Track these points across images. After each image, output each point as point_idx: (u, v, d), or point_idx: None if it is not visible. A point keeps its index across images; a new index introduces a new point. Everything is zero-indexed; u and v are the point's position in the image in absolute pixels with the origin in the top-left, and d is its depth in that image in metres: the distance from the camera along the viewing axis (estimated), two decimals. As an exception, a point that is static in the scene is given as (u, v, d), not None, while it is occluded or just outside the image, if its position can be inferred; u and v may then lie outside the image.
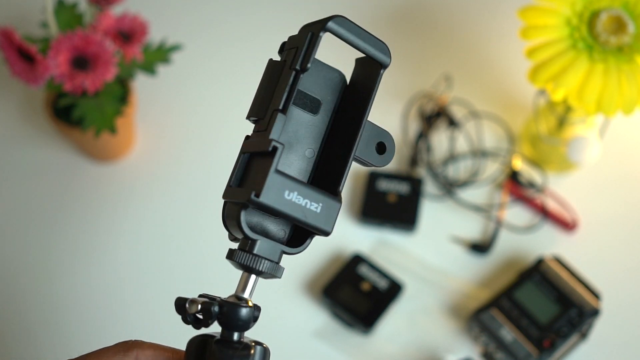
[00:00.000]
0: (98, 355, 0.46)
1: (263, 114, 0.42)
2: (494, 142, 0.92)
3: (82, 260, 0.84)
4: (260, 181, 0.39)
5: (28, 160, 0.90)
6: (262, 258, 0.41)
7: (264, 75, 0.43)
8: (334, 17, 0.42)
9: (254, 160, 0.42)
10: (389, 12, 1.01)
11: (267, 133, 0.40)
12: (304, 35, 0.42)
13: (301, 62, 0.41)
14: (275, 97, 0.41)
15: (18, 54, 0.76)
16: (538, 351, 0.76)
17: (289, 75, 0.41)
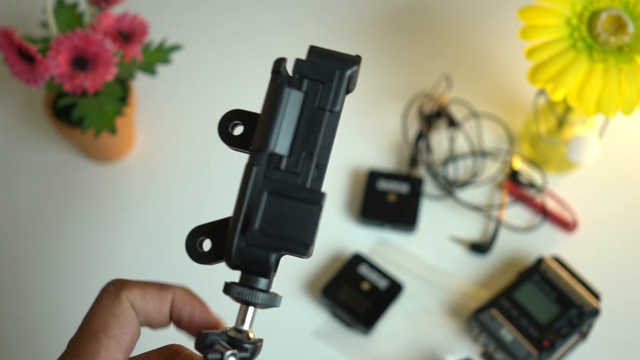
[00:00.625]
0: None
1: (289, 151, 0.40)
2: (494, 142, 0.92)
3: (82, 260, 0.84)
4: (311, 233, 0.40)
5: (28, 160, 0.90)
6: (259, 291, 0.41)
7: (277, 99, 0.41)
8: (359, 59, 0.42)
9: (282, 202, 0.40)
10: (389, 12, 1.01)
11: (304, 181, 0.40)
12: (331, 73, 0.41)
13: (333, 103, 0.41)
14: (306, 137, 0.40)
15: (18, 54, 0.76)
16: (538, 351, 0.76)
17: (322, 116, 0.41)
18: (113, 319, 0.42)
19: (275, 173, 0.40)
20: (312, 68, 0.41)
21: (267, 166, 0.40)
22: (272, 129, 0.40)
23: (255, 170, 0.40)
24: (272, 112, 0.40)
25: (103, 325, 0.42)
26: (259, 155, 0.40)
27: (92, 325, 0.42)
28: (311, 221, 0.40)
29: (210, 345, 0.40)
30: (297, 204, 0.40)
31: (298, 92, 0.41)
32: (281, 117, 0.40)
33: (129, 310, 0.42)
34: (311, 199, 0.40)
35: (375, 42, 0.99)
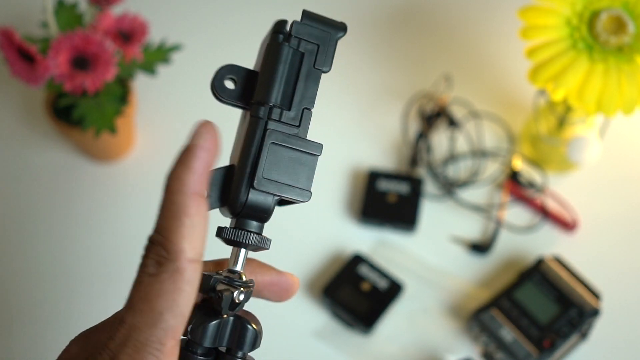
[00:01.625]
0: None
1: (288, 105, 0.43)
2: (494, 142, 0.92)
3: (81, 260, 0.84)
4: (310, 180, 0.43)
5: (28, 160, 0.90)
6: (251, 233, 0.43)
7: (279, 56, 0.43)
8: (346, 26, 0.44)
9: (284, 151, 0.43)
10: (389, 12, 1.01)
11: (304, 134, 0.43)
12: (326, 37, 0.44)
13: (329, 65, 0.44)
14: (305, 93, 0.43)
15: (18, 54, 0.76)
16: (538, 351, 0.76)
17: (318, 76, 0.44)
18: (179, 295, 0.37)
19: (277, 125, 0.42)
20: (309, 31, 0.44)
21: (269, 117, 0.42)
22: (274, 83, 0.43)
23: (260, 123, 0.42)
24: (274, 67, 0.43)
25: (169, 305, 0.37)
26: (262, 107, 0.43)
27: (155, 303, 0.37)
28: (311, 171, 0.43)
29: (214, 286, 0.42)
30: (298, 154, 0.43)
31: (296, 51, 0.43)
32: (282, 73, 0.43)
33: (194, 279, 0.38)
34: (311, 149, 0.43)
35: (376, 42, 0.99)
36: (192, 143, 0.40)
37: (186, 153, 0.40)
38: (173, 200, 0.38)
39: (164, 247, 0.38)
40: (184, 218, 0.38)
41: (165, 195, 0.39)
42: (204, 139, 0.40)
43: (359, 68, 0.97)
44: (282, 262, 0.44)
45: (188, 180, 0.39)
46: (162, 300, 0.36)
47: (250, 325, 0.42)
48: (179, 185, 0.39)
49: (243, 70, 0.45)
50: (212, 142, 0.40)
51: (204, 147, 0.40)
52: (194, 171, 0.39)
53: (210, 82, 0.44)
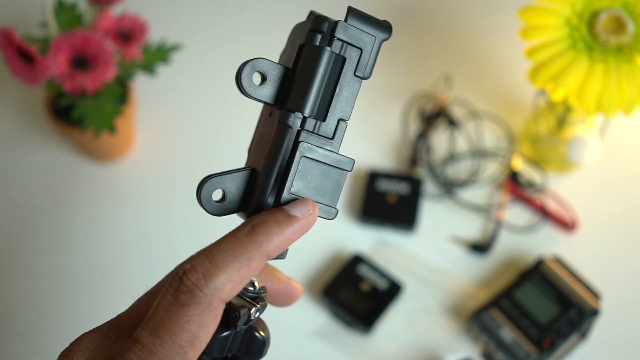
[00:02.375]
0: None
1: (323, 115, 0.40)
2: (494, 142, 0.92)
3: (81, 260, 0.84)
4: (337, 197, 0.41)
5: (28, 160, 0.90)
6: None
7: (318, 62, 0.40)
8: (391, 27, 0.42)
9: (314, 165, 0.40)
10: (388, 12, 1.01)
11: (337, 148, 0.41)
12: (371, 40, 0.41)
13: (370, 72, 0.41)
14: (342, 103, 0.41)
15: (18, 54, 0.76)
16: (538, 351, 0.76)
17: (358, 84, 0.41)
18: (202, 330, 0.37)
19: (309, 137, 0.40)
20: (353, 34, 0.40)
21: (301, 127, 0.40)
22: (310, 92, 0.40)
23: (291, 132, 0.40)
24: (312, 75, 0.40)
25: (191, 339, 0.37)
26: (294, 116, 0.40)
27: (178, 336, 0.36)
28: (338, 187, 0.41)
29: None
30: (328, 168, 0.41)
31: (338, 55, 0.40)
32: (321, 81, 0.40)
33: (219, 316, 0.38)
34: (342, 165, 0.41)
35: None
36: (298, 215, 0.39)
37: (285, 218, 0.39)
38: (247, 248, 0.38)
39: (207, 278, 0.36)
40: (244, 267, 0.37)
41: (243, 235, 0.38)
42: (307, 219, 0.40)
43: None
44: (282, 262, 0.44)
45: (273, 243, 0.38)
46: (185, 335, 0.36)
47: (258, 333, 0.42)
48: (263, 239, 0.38)
49: (273, 65, 0.41)
50: (309, 224, 0.40)
51: (303, 226, 0.40)
52: (282, 238, 0.39)
53: (236, 75, 0.40)
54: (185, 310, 0.36)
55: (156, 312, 0.37)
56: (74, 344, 0.40)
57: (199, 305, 0.36)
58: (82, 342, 0.40)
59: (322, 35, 0.40)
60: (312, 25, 0.40)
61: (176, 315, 0.36)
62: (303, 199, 0.40)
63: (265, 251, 0.38)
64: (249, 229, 0.38)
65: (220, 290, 0.36)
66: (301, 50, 0.41)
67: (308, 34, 0.40)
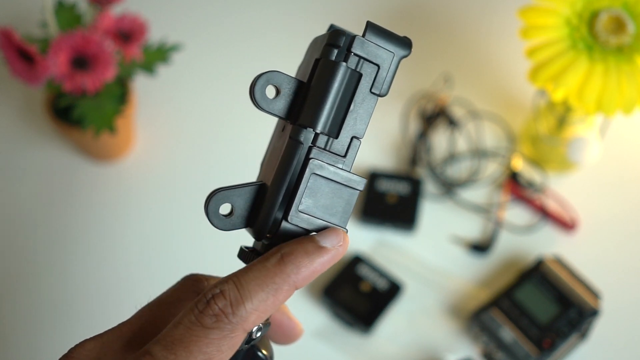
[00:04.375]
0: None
1: (336, 132, 0.39)
2: (494, 142, 0.92)
3: (81, 260, 0.84)
4: (348, 217, 0.40)
5: (28, 160, 0.90)
6: None
7: (333, 77, 0.39)
8: (411, 43, 0.40)
9: (324, 183, 0.40)
10: (388, 12, 1.01)
11: (349, 167, 0.40)
12: (389, 57, 0.40)
13: (388, 89, 0.40)
14: (356, 120, 0.40)
15: (18, 54, 0.76)
16: (538, 351, 0.76)
17: (374, 101, 0.40)
18: (218, 355, 0.37)
19: (320, 154, 0.39)
20: (371, 50, 0.39)
21: (312, 144, 0.39)
22: (324, 108, 0.39)
23: (301, 148, 0.39)
24: (327, 90, 0.39)
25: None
26: (306, 132, 0.39)
27: (194, 356, 0.36)
28: (349, 206, 0.40)
29: None
30: (339, 187, 0.40)
31: (354, 71, 0.39)
32: (335, 97, 0.39)
33: (237, 345, 0.37)
34: (353, 184, 0.40)
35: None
36: (324, 244, 0.39)
37: (314, 248, 0.38)
38: (275, 279, 0.37)
39: (234, 306, 0.36)
40: (271, 298, 0.37)
41: (272, 265, 0.38)
42: (336, 248, 0.39)
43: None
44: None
45: (301, 274, 0.38)
46: (201, 356, 0.36)
47: (261, 352, 0.41)
48: (292, 270, 0.38)
49: (287, 78, 0.40)
50: (339, 255, 0.39)
51: (332, 257, 0.39)
52: (311, 269, 0.38)
53: (250, 88, 0.39)
54: (206, 332, 0.36)
55: (176, 328, 0.36)
56: (74, 350, 0.39)
57: (222, 330, 0.36)
58: (83, 350, 0.39)
59: (338, 50, 0.39)
60: (328, 39, 0.40)
61: (197, 336, 0.36)
62: (334, 228, 0.39)
63: (294, 282, 0.37)
64: (277, 258, 0.38)
65: (245, 320, 0.36)
66: (317, 65, 0.40)
67: (324, 48, 0.40)
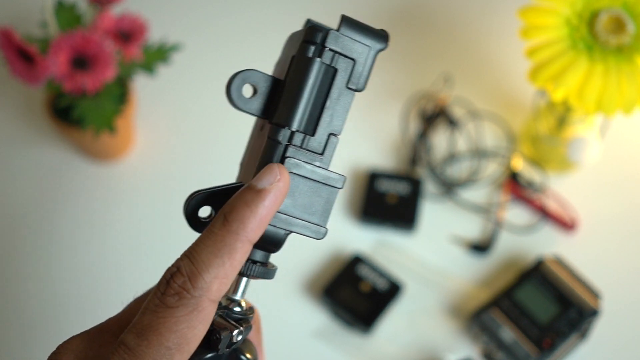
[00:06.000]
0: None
1: (312, 130, 0.39)
2: (494, 142, 0.92)
3: (81, 260, 0.84)
4: (327, 216, 0.39)
5: (28, 160, 0.90)
6: (254, 263, 0.40)
7: (307, 74, 0.38)
8: (388, 36, 0.39)
9: (302, 182, 0.39)
10: (388, 12, 1.01)
11: (327, 164, 0.39)
12: (365, 51, 0.39)
13: (365, 83, 0.39)
14: (333, 117, 0.39)
15: (18, 54, 0.76)
16: (538, 351, 0.76)
17: (351, 96, 0.39)
18: (190, 331, 0.36)
19: (297, 152, 0.38)
20: (345, 44, 0.38)
21: (288, 142, 0.38)
22: (299, 105, 0.38)
23: (279, 147, 0.38)
24: (301, 87, 0.38)
25: (179, 341, 0.36)
26: (282, 131, 0.38)
27: (165, 337, 0.35)
28: (329, 204, 0.39)
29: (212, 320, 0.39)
30: (317, 185, 0.39)
31: (328, 67, 0.38)
32: (309, 94, 0.38)
33: (208, 318, 0.37)
34: (332, 182, 0.39)
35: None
36: (261, 186, 0.37)
37: (253, 195, 0.37)
38: (225, 240, 0.36)
39: (192, 280, 0.36)
40: (227, 261, 0.36)
41: (218, 229, 0.36)
42: (275, 186, 0.37)
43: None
44: (283, 262, 0.44)
45: (249, 226, 0.36)
46: (173, 336, 0.35)
47: (244, 356, 0.40)
48: (238, 227, 0.36)
49: (264, 77, 0.40)
50: (281, 191, 0.37)
51: (275, 196, 0.37)
52: (257, 218, 0.36)
53: (226, 88, 0.39)
54: (172, 312, 0.35)
55: (144, 314, 0.36)
56: (61, 347, 0.39)
57: (187, 307, 0.35)
58: (69, 346, 0.39)
59: (315, 46, 0.39)
60: (305, 35, 0.39)
61: (164, 317, 0.35)
62: (267, 166, 0.38)
63: (245, 238, 0.36)
64: (221, 220, 0.37)
65: (207, 290, 0.36)
66: (292, 62, 0.39)
67: (300, 45, 0.39)
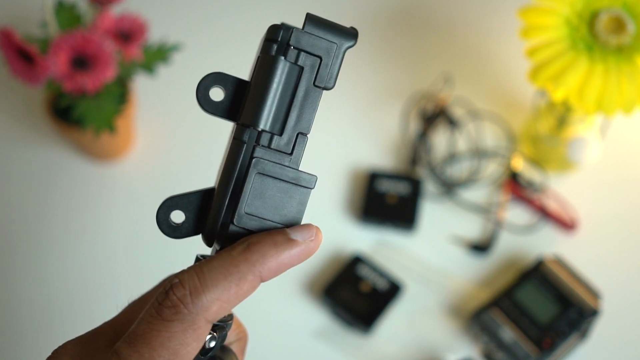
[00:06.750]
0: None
1: (280, 129, 0.38)
2: (494, 142, 0.92)
3: (80, 260, 0.84)
4: (300, 217, 0.38)
5: (28, 160, 0.90)
6: None
7: (272, 72, 0.38)
8: (357, 33, 0.39)
9: (271, 182, 0.38)
10: (388, 11, 1.01)
11: (296, 163, 0.38)
12: (332, 48, 0.38)
13: (333, 81, 0.38)
14: (300, 115, 0.38)
15: (18, 54, 0.76)
16: (538, 351, 0.76)
17: (318, 95, 0.38)
18: (182, 349, 0.35)
19: (265, 152, 0.38)
20: (310, 41, 0.38)
21: (256, 142, 0.38)
22: (264, 104, 0.37)
23: (245, 148, 0.38)
24: (266, 86, 0.37)
25: (170, 357, 0.35)
26: (248, 131, 0.38)
27: (157, 352, 0.35)
28: (301, 205, 0.39)
29: None
30: (288, 186, 0.38)
31: (293, 65, 0.38)
32: (274, 92, 0.37)
33: (202, 337, 0.36)
34: (303, 182, 0.38)
35: (375, 41, 0.99)
36: (294, 237, 0.37)
37: (284, 240, 0.37)
38: (239, 267, 0.36)
39: (193, 295, 0.35)
40: (234, 287, 0.35)
41: (237, 254, 0.36)
42: (307, 243, 0.37)
43: (358, 68, 0.97)
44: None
45: (267, 265, 0.36)
46: (165, 352, 0.35)
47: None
48: (258, 260, 0.36)
49: (231, 79, 0.40)
50: (310, 250, 0.38)
51: (301, 249, 0.37)
52: (278, 262, 0.36)
53: (195, 92, 0.39)
54: (167, 325, 0.35)
55: (139, 324, 0.36)
56: (57, 351, 0.39)
57: (182, 322, 0.35)
58: (64, 350, 0.39)
59: (277, 44, 0.38)
60: (267, 34, 0.39)
61: (157, 330, 0.35)
62: (307, 224, 0.38)
63: (259, 272, 0.36)
64: (244, 247, 0.36)
65: (206, 310, 0.35)
66: (257, 62, 0.39)
67: (264, 44, 0.39)
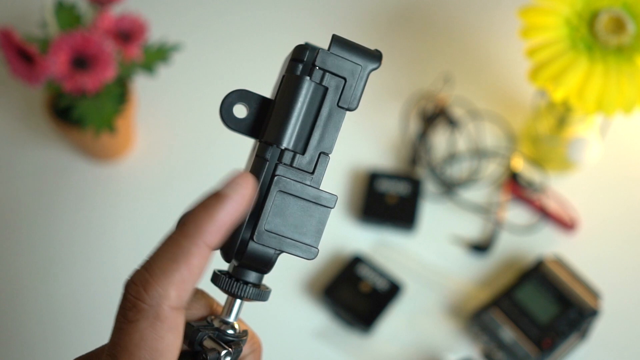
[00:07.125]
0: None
1: (302, 148, 0.39)
2: (494, 142, 0.92)
3: (81, 260, 0.84)
4: (319, 236, 0.39)
5: (28, 160, 0.90)
6: (246, 284, 0.40)
7: (297, 92, 0.38)
8: (381, 56, 0.39)
9: (292, 201, 0.39)
10: (389, 11, 1.01)
11: (317, 183, 0.39)
12: (356, 69, 0.39)
13: (357, 103, 0.39)
14: (323, 135, 0.39)
15: (18, 54, 0.76)
16: (538, 351, 0.76)
17: (342, 115, 0.39)
18: (159, 342, 0.34)
19: (287, 170, 0.38)
20: (336, 63, 0.38)
21: (278, 160, 0.38)
22: (288, 123, 0.38)
23: (267, 166, 0.38)
24: (290, 105, 0.38)
25: (151, 355, 0.34)
26: (271, 149, 0.38)
27: (136, 355, 0.34)
28: (320, 224, 0.39)
29: (201, 341, 0.39)
30: (308, 205, 0.39)
31: (318, 85, 0.38)
32: (299, 112, 0.38)
33: (177, 326, 0.35)
34: (323, 201, 0.39)
35: (375, 41, 0.99)
36: (223, 191, 0.36)
37: (213, 199, 0.36)
38: (180, 244, 0.35)
39: (147, 289, 0.34)
40: (183, 266, 0.34)
41: (174, 234, 0.35)
42: (237, 191, 0.36)
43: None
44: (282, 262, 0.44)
45: (206, 229, 0.35)
46: (143, 352, 0.34)
47: None
48: (194, 230, 0.35)
49: (255, 96, 0.40)
50: (244, 197, 0.36)
51: (233, 200, 0.36)
52: (215, 222, 0.35)
53: (219, 109, 0.39)
54: (134, 326, 0.34)
55: (112, 335, 0.35)
56: None
57: (147, 317, 0.34)
58: None
59: (303, 64, 0.39)
60: (292, 54, 0.39)
61: (128, 334, 0.34)
62: (233, 172, 0.37)
63: (202, 242, 0.35)
64: (179, 225, 0.36)
65: (165, 297, 0.34)
66: (282, 81, 0.40)
67: (289, 64, 0.39)
